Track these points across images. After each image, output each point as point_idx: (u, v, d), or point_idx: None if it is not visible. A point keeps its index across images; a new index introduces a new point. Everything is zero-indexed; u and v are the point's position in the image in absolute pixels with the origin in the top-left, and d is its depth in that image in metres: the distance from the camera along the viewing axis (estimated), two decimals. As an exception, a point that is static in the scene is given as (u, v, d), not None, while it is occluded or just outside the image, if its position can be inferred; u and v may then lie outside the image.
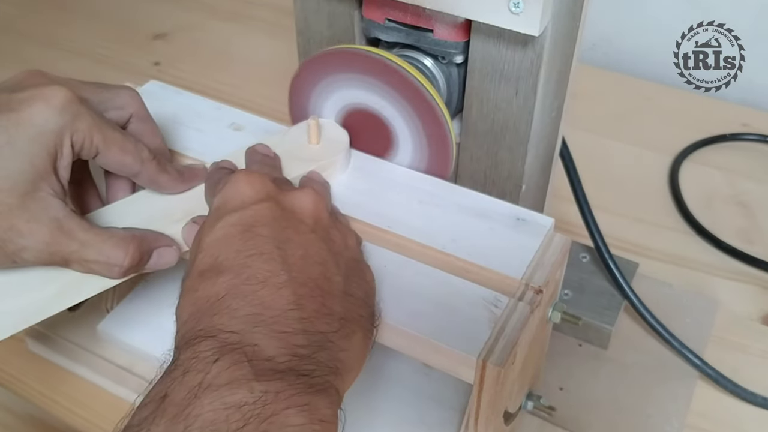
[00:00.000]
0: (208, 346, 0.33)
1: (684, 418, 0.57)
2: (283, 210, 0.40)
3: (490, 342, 0.42)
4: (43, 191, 0.42)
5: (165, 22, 1.03)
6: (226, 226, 0.39)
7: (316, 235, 0.40)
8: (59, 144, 0.42)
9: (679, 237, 0.72)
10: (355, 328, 0.39)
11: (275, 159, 0.50)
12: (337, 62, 0.51)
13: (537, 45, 0.47)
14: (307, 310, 0.36)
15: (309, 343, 0.35)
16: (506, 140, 0.52)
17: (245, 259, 0.37)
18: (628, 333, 0.63)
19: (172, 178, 0.48)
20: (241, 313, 0.35)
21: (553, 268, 0.46)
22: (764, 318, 0.65)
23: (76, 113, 0.43)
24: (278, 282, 0.37)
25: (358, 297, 0.40)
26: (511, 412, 0.49)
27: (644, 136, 0.83)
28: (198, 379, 0.32)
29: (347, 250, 0.42)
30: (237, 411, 0.31)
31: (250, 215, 0.39)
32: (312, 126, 0.51)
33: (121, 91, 0.49)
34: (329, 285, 0.38)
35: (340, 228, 0.43)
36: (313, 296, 0.37)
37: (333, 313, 0.38)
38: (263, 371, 0.33)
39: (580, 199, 0.60)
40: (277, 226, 0.39)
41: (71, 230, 0.42)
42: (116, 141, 0.45)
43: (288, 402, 0.32)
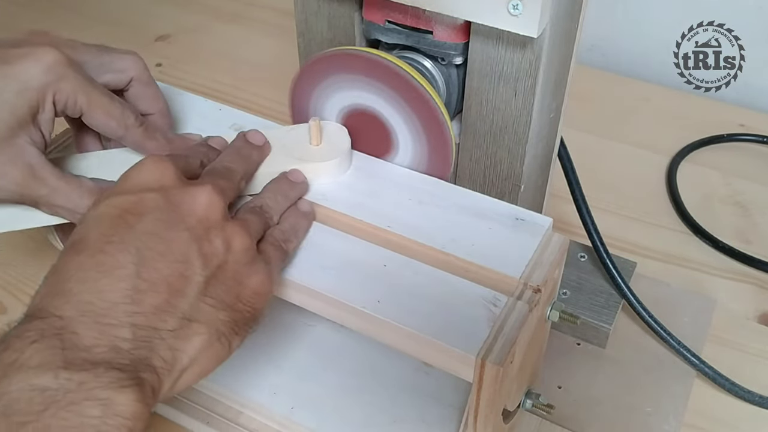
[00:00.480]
0: (34, 327, 0.35)
1: (682, 416, 0.57)
2: (168, 203, 0.40)
3: (489, 341, 0.42)
4: (21, 138, 0.45)
5: (167, 23, 1.03)
6: (106, 206, 0.40)
7: (190, 234, 0.40)
8: (41, 100, 0.46)
9: (677, 237, 0.73)
10: (201, 330, 0.39)
11: (258, 150, 0.50)
12: (337, 64, 0.51)
13: (536, 46, 0.47)
14: (143, 305, 0.37)
15: (134, 337, 0.36)
16: (505, 141, 0.52)
17: (104, 244, 0.38)
18: (626, 332, 0.63)
19: (159, 145, 0.50)
20: (76, 299, 0.36)
21: (551, 267, 0.46)
22: (761, 317, 0.65)
23: (62, 74, 0.46)
24: (122, 274, 0.37)
25: (223, 301, 0.40)
26: (510, 410, 0.49)
27: (642, 136, 0.84)
28: (13, 357, 0.34)
29: (228, 253, 0.41)
30: (40, 394, 0.33)
31: (132, 202, 0.40)
32: (313, 127, 0.52)
33: (124, 55, 0.51)
34: (182, 283, 0.38)
35: (228, 230, 0.42)
36: (156, 292, 0.37)
37: (176, 311, 0.38)
38: (74, 360, 0.34)
39: (578, 199, 0.61)
40: (150, 218, 0.39)
41: (43, 177, 0.46)
42: (102, 104, 0.48)
43: (88, 394, 0.33)
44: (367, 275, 0.46)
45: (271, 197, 0.48)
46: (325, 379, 0.55)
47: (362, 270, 0.46)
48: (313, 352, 0.57)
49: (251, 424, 0.54)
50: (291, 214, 0.48)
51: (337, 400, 0.54)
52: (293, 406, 0.53)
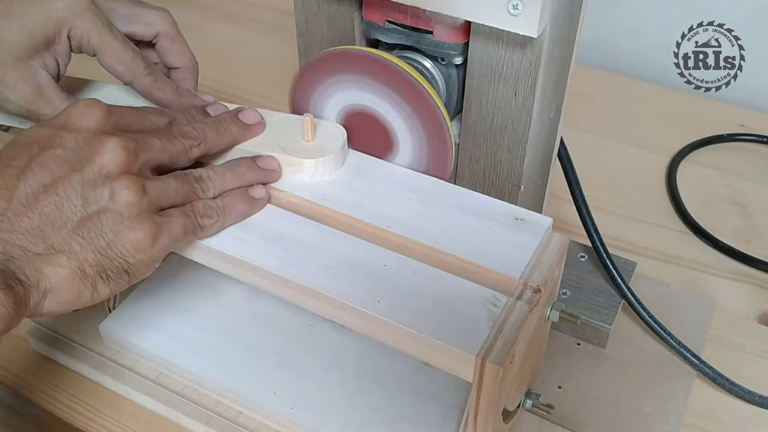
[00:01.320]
0: None
1: (682, 416, 0.57)
2: (75, 145, 0.44)
3: (489, 341, 0.42)
4: (35, 61, 0.50)
5: (166, 23, 1.03)
6: (26, 134, 0.45)
7: (82, 178, 0.43)
8: (58, 32, 0.50)
9: (677, 237, 0.73)
10: (62, 262, 0.42)
11: (242, 128, 0.52)
12: (337, 64, 0.51)
13: (536, 46, 0.47)
14: (16, 225, 0.42)
15: (3, 251, 0.41)
16: (505, 141, 0.52)
17: (3, 165, 0.43)
18: (626, 332, 0.63)
19: (165, 95, 0.54)
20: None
21: (551, 267, 0.46)
22: (761, 317, 0.65)
23: (80, 13, 0.50)
24: (5, 194, 0.42)
25: (93, 243, 0.43)
26: (509, 410, 0.49)
27: (642, 136, 0.84)
28: None
29: (111, 202, 0.43)
30: None
31: (45, 135, 0.44)
32: (306, 123, 0.51)
33: (153, 10, 0.55)
34: (56, 216, 0.42)
35: (120, 183, 0.43)
36: (28, 217, 0.42)
37: (45, 239, 0.42)
38: None
39: (578, 199, 0.61)
40: (51, 153, 0.43)
41: (50, 97, 0.51)
42: (113, 48, 0.52)
43: None
44: (367, 275, 0.46)
45: (219, 171, 0.49)
46: (325, 379, 0.55)
47: (362, 270, 0.46)
48: (313, 352, 0.57)
49: (251, 424, 0.54)
50: (233, 194, 0.49)
51: (337, 400, 0.54)
52: (293, 406, 0.53)
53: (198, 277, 0.61)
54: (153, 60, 0.56)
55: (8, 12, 0.50)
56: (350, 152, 0.54)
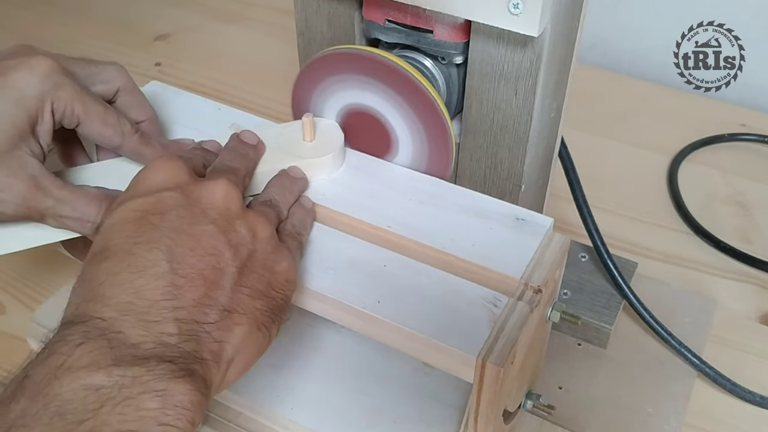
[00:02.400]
0: (76, 330, 0.35)
1: (682, 416, 0.57)
2: (187, 200, 0.41)
3: (489, 341, 0.42)
4: (21, 150, 0.45)
5: (166, 23, 1.03)
6: (125, 211, 0.40)
7: (215, 227, 0.40)
8: (40, 109, 0.45)
9: (678, 237, 0.73)
10: (241, 321, 0.39)
11: (254, 149, 0.50)
12: (337, 63, 0.51)
13: (536, 45, 0.47)
14: (183, 300, 0.37)
15: (179, 332, 0.36)
16: (506, 140, 0.52)
17: (132, 246, 0.38)
18: (627, 332, 0.63)
19: (156, 151, 0.50)
20: (114, 301, 0.36)
21: (552, 267, 0.46)
22: (762, 317, 0.65)
23: (58, 82, 0.46)
24: (157, 272, 0.37)
25: (257, 289, 0.40)
26: (510, 410, 0.49)
27: (643, 136, 0.84)
28: (60, 361, 0.33)
29: (255, 242, 0.41)
30: (94, 393, 0.32)
31: (151, 202, 0.40)
32: (306, 123, 0.51)
33: (108, 65, 0.51)
34: (217, 276, 0.39)
35: (251, 219, 0.42)
36: (193, 287, 0.38)
37: (215, 304, 0.38)
38: (124, 357, 0.34)
39: (579, 199, 0.61)
40: (173, 215, 0.39)
41: (47, 187, 0.45)
42: (98, 113, 0.47)
43: (144, 387, 0.33)
44: (367, 275, 0.46)
45: (278, 192, 0.48)
46: (325, 379, 0.55)
47: (362, 270, 0.46)
48: (313, 353, 0.56)
49: (251, 425, 0.54)
50: (297, 208, 0.48)
51: (337, 401, 0.54)
52: (293, 406, 0.53)
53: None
54: None
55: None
56: (350, 152, 0.54)
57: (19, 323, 0.64)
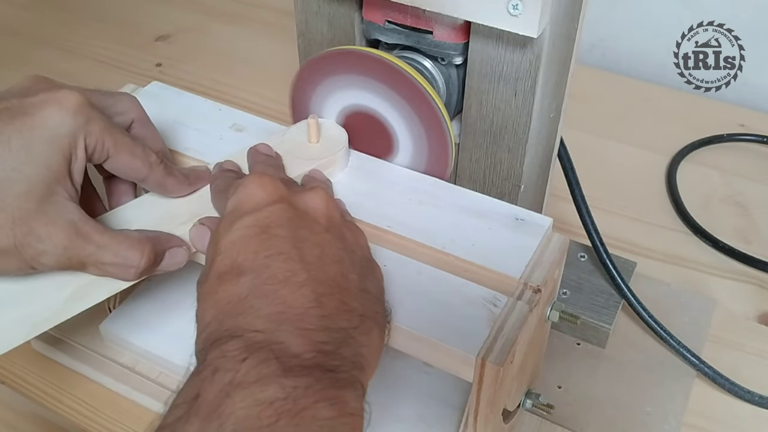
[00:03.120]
0: (235, 345, 0.34)
1: (682, 416, 0.57)
2: (296, 210, 0.40)
3: (489, 341, 0.42)
4: (59, 195, 0.42)
5: (167, 23, 1.03)
6: (242, 228, 0.39)
7: (331, 234, 0.41)
8: (74, 146, 0.43)
9: (677, 237, 0.73)
10: (372, 325, 0.39)
11: (278, 159, 0.51)
12: (337, 63, 0.51)
13: (536, 46, 0.47)
14: (328, 308, 0.37)
15: (331, 339, 0.36)
16: (505, 141, 0.52)
17: (264, 259, 0.37)
18: (626, 332, 0.63)
19: (179, 181, 0.48)
20: (264, 312, 0.36)
21: (551, 267, 0.46)
22: (761, 317, 0.65)
23: (89, 116, 0.43)
24: (298, 281, 0.37)
25: (373, 294, 0.41)
26: (509, 410, 0.49)
27: (642, 136, 0.84)
28: (228, 377, 0.32)
29: (360, 248, 0.42)
30: (269, 407, 0.31)
31: (265, 216, 0.39)
32: (311, 125, 0.52)
33: (122, 96, 0.50)
34: (346, 282, 0.39)
35: (351, 227, 0.44)
36: (332, 294, 0.38)
37: (352, 309, 0.38)
38: (291, 367, 0.33)
39: (578, 199, 0.61)
40: (292, 226, 0.39)
41: (88, 233, 0.42)
42: (126, 145, 0.45)
43: (318, 396, 0.33)
44: (367, 275, 0.46)
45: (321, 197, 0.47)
46: (325, 379, 0.55)
47: (362, 270, 0.46)
48: (313, 352, 0.57)
49: (251, 424, 0.54)
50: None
51: (337, 400, 0.54)
52: (293, 406, 0.53)
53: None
54: None
55: (7, 143, 0.41)
56: (350, 152, 0.54)
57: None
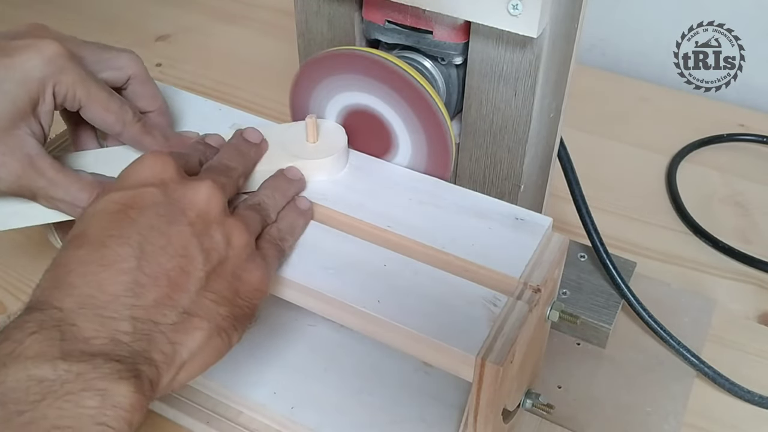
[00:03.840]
0: (33, 318, 0.35)
1: (682, 416, 0.57)
2: (168, 198, 0.41)
3: (489, 340, 0.42)
4: (20, 130, 0.46)
5: (167, 23, 1.03)
6: (107, 202, 0.40)
7: (192, 229, 0.40)
8: (41, 91, 0.46)
9: (677, 237, 0.73)
10: (201, 325, 0.39)
11: (255, 147, 0.50)
12: (337, 63, 0.51)
13: (536, 46, 0.47)
14: (144, 299, 0.37)
15: (134, 330, 0.36)
16: (505, 140, 0.52)
17: (105, 238, 0.38)
18: (626, 332, 0.63)
19: (157, 142, 0.50)
20: (77, 292, 0.36)
21: (551, 267, 0.46)
22: (761, 317, 0.65)
23: (62, 66, 0.46)
24: (122, 267, 0.38)
25: (223, 296, 0.40)
26: (509, 410, 0.49)
27: (642, 136, 0.84)
28: (11, 348, 0.34)
29: (228, 249, 0.41)
30: (37, 384, 0.33)
31: (131, 196, 0.40)
32: (310, 124, 0.52)
33: (122, 53, 0.52)
34: (183, 278, 0.39)
35: (228, 226, 0.42)
36: (156, 286, 0.38)
37: (176, 306, 0.38)
38: (72, 351, 0.34)
39: (578, 199, 0.61)
40: (151, 212, 0.40)
41: (42, 168, 0.46)
42: (100, 99, 0.48)
43: (86, 384, 0.33)
44: (367, 275, 0.46)
45: (268, 194, 0.48)
46: (326, 379, 0.55)
47: (362, 270, 0.46)
48: (313, 352, 0.57)
49: (251, 424, 0.54)
50: (288, 211, 0.48)
51: (337, 400, 0.54)
52: (293, 406, 0.53)
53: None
54: None
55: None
56: (350, 152, 0.54)
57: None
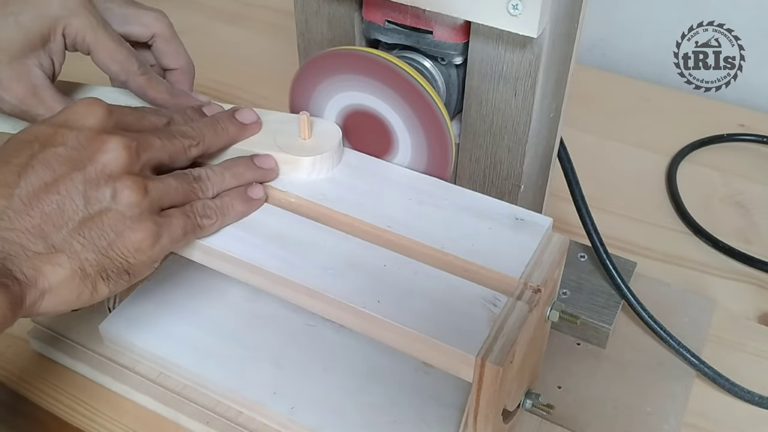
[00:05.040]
0: None
1: (681, 416, 0.57)
2: (77, 143, 0.43)
3: (489, 341, 0.42)
4: (29, 60, 0.50)
5: (166, 23, 1.03)
6: (26, 132, 0.44)
7: (82, 176, 0.43)
8: (52, 30, 0.50)
9: (677, 237, 0.73)
10: (63, 262, 0.42)
11: (240, 127, 0.52)
12: (337, 64, 0.51)
13: (536, 46, 0.47)
14: (16, 223, 0.41)
15: (1, 249, 0.41)
16: (505, 141, 0.52)
17: (3, 162, 0.43)
18: (626, 332, 0.63)
19: (160, 95, 0.53)
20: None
21: (551, 267, 0.46)
22: (761, 317, 0.65)
23: (75, 11, 0.50)
24: (4, 192, 0.42)
25: (94, 243, 0.43)
26: (509, 410, 0.49)
27: (642, 136, 0.84)
28: None
29: (113, 202, 0.43)
30: None
31: (46, 133, 0.44)
32: (302, 121, 0.52)
33: (150, 11, 0.55)
34: (58, 215, 0.42)
35: (121, 183, 0.43)
36: (29, 215, 0.42)
37: (45, 237, 0.42)
38: None
39: (578, 199, 0.61)
40: (53, 151, 0.43)
41: (44, 97, 0.51)
42: (107, 47, 0.52)
43: None
44: (367, 275, 0.46)
45: (217, 171, 0.49)
46: (325, 379, 0.55)
47: (362, 270, 0.46)
48: (313, 352, 0.57)
49: (251, 424, 0.54)
50: (231, 194, 0.49)
51: (337, 401, 0.54)
52: (293, 406, 0.53)
53: (198, 277, 0.61)
54: (149, 61, 0.56)
55: (4, 10, 0.50)
56: (350, 152, 0.54)
57: (20, 323, 0.63)
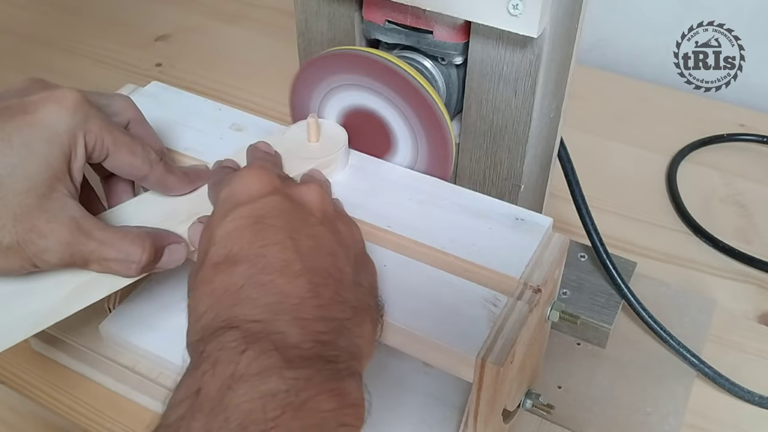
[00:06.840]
0: (233, 336, 0.34)
1: (682, 416, 0.57)
2: (291, 202, 0.41)
3: (489, 341, 0.42)
4: (59, 192, 0.42)
5: (167, 23, 1.03)
6: (236, 219, 0.39)
7: (325, 227, 0.41)
8: (73, 144, 0.43)
9: (677, 237, 0.73)
10: (364, 316, 0.39)
11: (276, 157, 0.51)
12: (337, 64, 0.51)
13: (536, 46, 0.47)
14: (323, 298, 0.37)
15: (328, 329, 0.36)
16: (505, 141, 0.52)
17: (259, 249, 0.37)
18: (626, 332, 0.63)
19: (179, 179, 0.49)
20: (262, 302, 0.35)
21: (551, 267, 0.46)
22: (761, 317, 0.65)
23: (87, 114, 0.44)
24: (294, 270, 0.37)
25: (365, 287, 0.41)
26: (509, 410, 0.49)
27: (642, 136, 0.84)
28: (229, 370, 0.32)
29: (354, 242, 0.43)
30: (272, 400, 0.31)
31: (260, 207, 0.40)
32: (311, 124, 0.52)
33: (117, 97, 0.50)
34: (340, 274, 0.39)
35: (345, 221, 0.44)
36: (327, 285, 0.38)
37: (345, 301, 0.38)
38: (292, 359, 0.33)
39: (578, 199, 0.61)
40: (287, 217, 0.39)
41: (89, 229, 0.43)
42: (126, 143, 0.46)
43: (319, 388, 0.32)
44: (367, 275, 0.46)
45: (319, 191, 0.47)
46: (325, 379, 0.55)
47: (362, 270, 0.46)
48: (313, 352, 0.57)
49: (251, 424, 0.54)
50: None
51: (337, 400, 0.54)
52: (293, 406, 0.53)
53: (198, 277, 0.61)
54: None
55: (9, 143, 0.41)
56: (350, 152, 0.54)
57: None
